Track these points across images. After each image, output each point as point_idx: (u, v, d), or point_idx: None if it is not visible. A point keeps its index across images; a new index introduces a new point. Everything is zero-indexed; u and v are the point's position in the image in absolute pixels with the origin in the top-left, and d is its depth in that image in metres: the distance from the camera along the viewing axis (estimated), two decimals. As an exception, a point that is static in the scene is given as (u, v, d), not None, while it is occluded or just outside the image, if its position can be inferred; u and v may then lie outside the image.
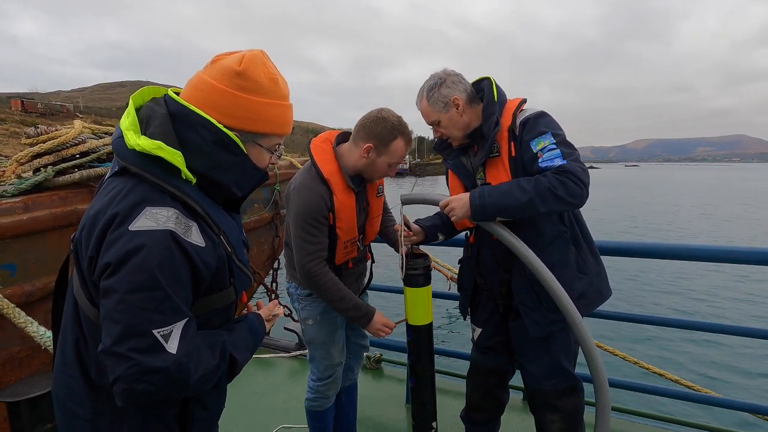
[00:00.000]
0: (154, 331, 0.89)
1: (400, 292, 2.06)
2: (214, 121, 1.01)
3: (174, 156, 0.96)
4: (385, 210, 2.24)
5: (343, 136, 1.99)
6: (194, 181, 1.01)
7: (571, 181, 1.56)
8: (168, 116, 1.01)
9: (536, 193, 1.57)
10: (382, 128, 1.83)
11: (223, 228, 1.06)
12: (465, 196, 1.71)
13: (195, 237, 0.97)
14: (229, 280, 1.09)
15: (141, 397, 0.90)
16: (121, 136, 0.99)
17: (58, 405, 1.11)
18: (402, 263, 1.94)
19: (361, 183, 1.97)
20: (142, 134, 0.98)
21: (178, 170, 0.98)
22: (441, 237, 2.06)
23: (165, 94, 1.08)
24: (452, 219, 1.78)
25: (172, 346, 0.91)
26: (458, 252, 2.19)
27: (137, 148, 0.95)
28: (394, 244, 2.05)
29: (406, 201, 1.93)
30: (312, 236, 1.83)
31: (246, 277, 1.15)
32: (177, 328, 0.92)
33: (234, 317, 1.19)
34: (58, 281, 1.21)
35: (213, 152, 1.02)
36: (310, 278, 1.86)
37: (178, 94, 1.07)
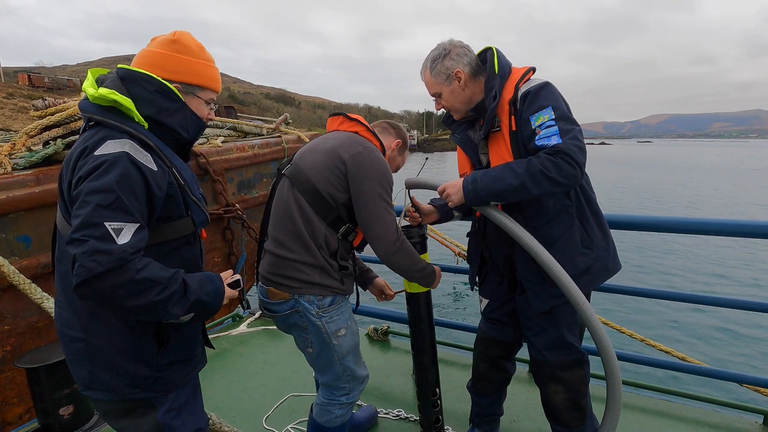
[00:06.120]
0: (106, 223, 1.08)
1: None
2: (155, 76, 1.26)
3: (126, 101, 1.20)
4: None
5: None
6: (146, 125, 1.25)
7: (565, 161, 1.51)
8: (117, 78, 1.26)
9: (528, 176, 1.54)
10: (405, 137, 2.03)
11: (174, 163, 1.28)
12: (459, 182, 1.72)
13: (149, 162, 1.18)
14: (186, 211, 1.30)
15: (90, 275, 1.04)
16: (85, 98, 1.25)
17: (59, 335, 1.32)
18: None
19: None
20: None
21: (131, 117, 1.21)
22: (457, 214, 2.07)
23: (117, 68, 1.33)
24: (449, 205, 1.79)
25: (121, 240, 1.08)
26: (467, 226, 2.19)
27: (96, 95, 1.19)
28: None
29: (410, 185, 1.98)
30: (390, 202, 1.68)
31: (202, 212, 1.35)
32: (128, 228, 1.10)
33: (200, 264, 1.40)
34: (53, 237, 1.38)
35: (156, 99, 1.26)
36: (400, 249, 1.67)
37: None
